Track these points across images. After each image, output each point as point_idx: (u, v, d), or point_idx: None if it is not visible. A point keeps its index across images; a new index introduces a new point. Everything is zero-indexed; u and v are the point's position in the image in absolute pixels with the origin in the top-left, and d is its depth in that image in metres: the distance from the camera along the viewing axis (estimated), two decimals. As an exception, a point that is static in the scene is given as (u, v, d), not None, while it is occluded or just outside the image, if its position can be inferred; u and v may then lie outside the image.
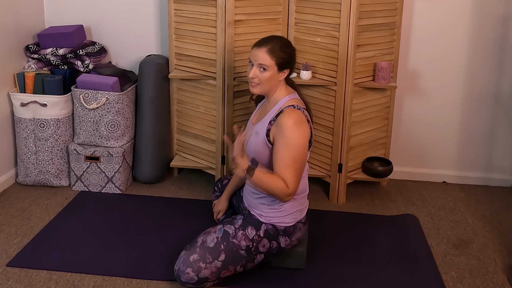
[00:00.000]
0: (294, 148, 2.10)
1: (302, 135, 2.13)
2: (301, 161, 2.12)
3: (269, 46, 2.21)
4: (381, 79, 2.89)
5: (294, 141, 2.11)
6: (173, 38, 3.12)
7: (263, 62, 2.20)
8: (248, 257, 2.19)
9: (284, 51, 2.23)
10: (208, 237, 2.18)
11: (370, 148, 3.09)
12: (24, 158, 3.08)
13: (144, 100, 3.14)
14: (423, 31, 3.14)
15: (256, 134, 2.26)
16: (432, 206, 3.02)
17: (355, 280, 2.30)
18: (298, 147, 2.11)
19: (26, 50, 3.21)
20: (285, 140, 2.11)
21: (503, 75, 3.15)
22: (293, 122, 2.12)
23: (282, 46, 2.24)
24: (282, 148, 2.11)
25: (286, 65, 2.25)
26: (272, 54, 2.21)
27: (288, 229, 2.25)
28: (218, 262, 2.13)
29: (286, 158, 2.10)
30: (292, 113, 2.15)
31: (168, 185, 3.21)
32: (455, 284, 2.30)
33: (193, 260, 2.12)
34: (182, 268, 2.12)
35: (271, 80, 2.23)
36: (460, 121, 3.25)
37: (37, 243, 2.53)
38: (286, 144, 2.11)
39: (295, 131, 2.11)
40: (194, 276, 2.11)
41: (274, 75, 2.23)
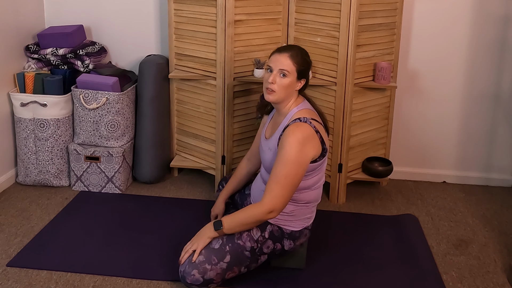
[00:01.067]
0: (288, 165, 2.06)
1: (302, 153, 2.08)
2: (293, 178, 2.07)
3: (291, 52, 2.20)
4: (381, 79, 2.89)
5: (290, 158, 2.06)
6: (173, 38, 3.12)
7: (284, 67, 2.18)
8: (252, 258, 2.19)
9: (304, 59, 2.22)
10: (213, 239, 2.17)
11: (370, 148, 3.09)
12: (24, 158, 3.08)
13: (144, 100, 3.14)
14: (423, 31, 3.14)
15: (269, 150, 2.25)
16: (432, 206, 3.02)
17: (355, 280, 2.30)
18: (293, 164, 2.06)
19: (26, 50, 3.21)
20: (283, 154, 2.08)
21: (503, 75, 3.15)
22: (295, 138, 2.08)
23: (304, 54, 2.24)
24: (278, 162, 2.09)
25: (304, 74, 2.23)
26: (294, 59, 2.19)
27: (294, 233, 2.25)
28: (223, 264, 2.12)
29: (278, 173, 2.07)
30: (296, 129, 2.10)
31: (168, 185, 3.21)
32: (455, 284, 2.30)
33: (198, 262, 2.11)
34: (187, 269, 2.10)
35: (289, 87, 2.20)
36: (460, 121, 3.25)
37: (37, 243, 2.53)
38: (282, 158, 2.07)
39: (295, 148, 2.07)
40: (200, 277, 2.10)
41: (292, 83, 2.20)
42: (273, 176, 2.08)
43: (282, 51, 2.21)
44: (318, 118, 2.23)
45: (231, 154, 3.05)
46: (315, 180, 2.22)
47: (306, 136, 2.10)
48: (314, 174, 2.20)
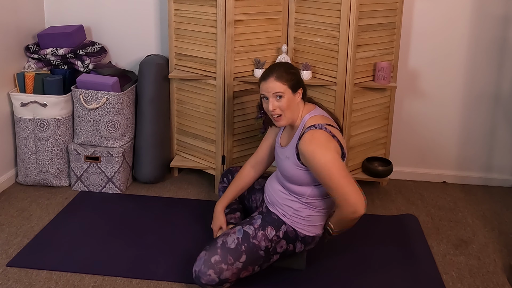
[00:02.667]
0: (328, 168, 2.04)
1: (329, 152, 2.07)
2: (341, 172, 2.04)
3: (275, 74, 2.20)
4: (381, 79, 2.89)
5: (324, 163, 2.05)
6: (173, 38, 3.12)
7: (276, 90, 2.18)
8: (266, 257, 2.18)
9: (290, 73, 2.22)
10: (229, 238, 2.16)
11: (370, 148, 3.09)
12: (24, 158, 3.08)
13: (144, 100, 3.14)
14: (423, 31, 3.14)
15: (287, 158, 2.23)
16: (432, 206, 3.02)
17: (355, 280, 2.30)
18: (331, 164, 2.04)
19: (26, 50, 3.21)
20: (316, 166, 2.06)
21: (503, 75, 3.15)
22: (314, 147, 2.07)
23: (287, 69, 2.23)
24: (320, 175, 2.07)
25: (297, 85, 2.22)
26: (281, 79, 2.19)
27: (307, 238, 2.25)
28: (239, 263, 2.11)
29: (330, 182, 2.04)
30: (312, 138, 2.10)
31: (168, 185, 3.21)
32: (455, 284, 2.30)
33: (214, 262, 2.09)
34: (203, 269, 2.08)
35: (290, 105, 2.20)
36: (460, 121, 3.25)
37: (37, 243, 2.53)
38: (319, 169, 2.06)
39: (320, 152, 2.06)
40: (216, 277, 2.08)
41: (291, 99, 2.20)
42: (330, 188, 2.06)
43: (267, 77, 2.22)
44: (332, 123, 2.22)
45: (231, 154, 3.05)
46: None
47: (324, 141, 2.09)
48: None
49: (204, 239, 2.51)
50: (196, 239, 2.56)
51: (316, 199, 2.21)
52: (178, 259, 2.40)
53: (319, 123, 2.15)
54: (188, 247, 2.49)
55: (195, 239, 2.57)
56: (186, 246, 2.50)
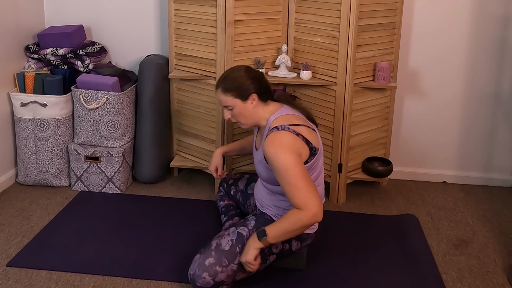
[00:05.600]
0: (288, 171, 2.01)
1: (289, 155, 2.03)
2: (302, 176, 2.01)
3: (221, 86, 2.21)
4: (381, 79, 2.89)
5: (284, 165, 2.02)
6: (173, 38, 3.12)
7: (224, 103, 2.23)
8: (262, 258, 2.17)
9: (235, 83, 2.19)
10: (223, 240, 2.15)
11: (370, 148, 3.09)
12: (24, 158, 3.08)
13: (144, 100, 3.14)
14: (423, 31, 3.14)
15: (259, 162, 2.24)
16: (432, 206, 3.02)
17: (355, 280, 2.30)
18: (290, 167, 2.01)
19: (26, 50, 3.21)
20: (276, 168, 2.04)
21: (503, 75, 3.15)
22: (274, 149, 2.04)
23: (233, 80, 2.21)
24: (279, 177, 2.05)
25: (246, 93, 2.19)
26: (227, 92, 2.20)
27: (302, 235, 2.24)
28: (234, 265, 2.10)
29: (288, 185, 2.02)
30: (273, 140, 2.07)
31: (168, 185, 3.21)
32: (455, 284, 2.30)
33: (209, 264, 2.08)
34: (198, 272, 2.07)
35: (243, 113, 2.21)
36: (460, 121, 3.25)
37: (37, 243, 2.53)
38: (279, 171, 2.04)
39: (279, 155, 2.03)
40: (211, 280, 2.07)
41: (242, 107, 2.20)
42: (288, 191, 2.03)
43: (217, 87, 2.23)
44: (299, 121, 2.17)
45: (231, 154, 3.05)
46: (313, 178, 2.21)
47: (286, 143, 2.06)
48: (310, 173, 2.18)
49: (204, 239, 2.50)
50: (196, 239, 2.56)
51: None
52: (178, 259, 2.40)
53: (282, 124, 2.12)
54: (188, 247, 2.49)
55: (195, 239, 2.57)
56: (186, 246, 2.51)
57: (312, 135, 2.16)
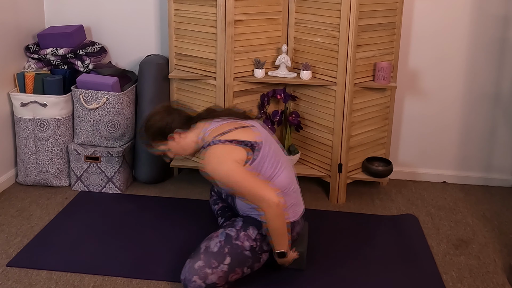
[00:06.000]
0: (229, 180, 2.08)
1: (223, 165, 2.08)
2: (244, 178, 2.07)
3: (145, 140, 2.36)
4: (381, 79, 2.89)
5: (224, 177, 2.08)
6: (173, 38, 3.12)
7: (158, 152, 2.35)
8: (253, 257, 2.17)
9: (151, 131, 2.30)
10: (211, 242, 2.16)
11: (370, 148, 3.09)
12: (24, 158, 3.08)
13: (144, 100, 3.14)
14: (423, 31, 3.14)
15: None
16: (432, 206, 3.02)
17: (355, 280, 2.30)
18: (230, 175, 2.07)
19: (26, 50, 3.21)
20: (220, 182, 2.11)
21: (503, 75, 3.15)
22: (209, 167, 2.10)
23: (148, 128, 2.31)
24: (227, 187, 2.12)
25: (164, 135, 2.28)
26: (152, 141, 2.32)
27: (288, 225, 2.24)
28: (224, 266, 2.10)
29: (237, 190, 2.09)
30: (206, 158, 2.12)
31: (168, 185, 3.21)
32: (455, 284, 2.30)
33: (198, 267, 2.08)
34: (188, 276, 2.07)
35: (178, 149, 2.30)
36: (460, 121, 3.25)
37: (37, 243, 2.53)
38: (224, 183, 2.11)
39: (215, 170, 2.09)
40: (202, 283, 2.06)
41: (173, 146, 2.30)
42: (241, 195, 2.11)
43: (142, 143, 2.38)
44: (226, 128, 2.20)
45: (231, 154, 3.05)
46: (269, 170, 2.19)
47: (214, 157, 2.11)
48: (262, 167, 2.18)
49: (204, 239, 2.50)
50: (196, 239, 2.55)
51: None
52: (178, 259, 2.40)
53: (208, 141, 2.17)
54: (188, 247, 2.48)
55: (195, 239, 2.56)
56: (186, 246, 2.50)
57: (246, 132, 2.19)
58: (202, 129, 2.28)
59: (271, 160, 2.20)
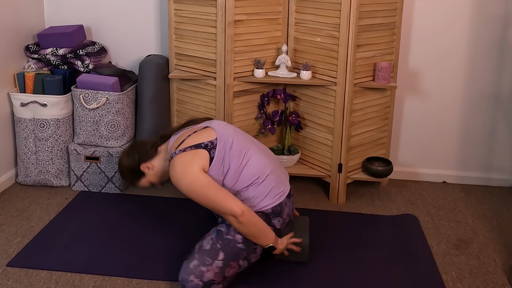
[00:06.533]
0: (192, 192, 2.13)
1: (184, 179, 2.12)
2: (205, 189, 2.11)
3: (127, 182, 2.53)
4: (381, 79, 2.89)
5: (187, 188, 2.13)
6: (173, 38, 3.12)
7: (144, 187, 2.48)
8: (248, 249, 2.18)
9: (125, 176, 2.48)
10: (204, 241, 2.18)
11: (370, 148, 3.09)
12: (24, 158, 3.08)
13: (144, 100, 3.14)
14: (423, 31, 3.14)
15: None
16: (432, 206, 3.02)
17: (355, 280, 2.30)
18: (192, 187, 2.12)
19: (26, 50, 3.21)
20: (185, 193, 2.15)
21: (503, 75, 3.15)
22: (173, 180, 2.16)
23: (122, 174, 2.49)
24: (193, 199, 2.15)
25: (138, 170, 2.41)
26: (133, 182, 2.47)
27: (275, 208, 2.24)
28: (218, 262, 2.11)
29: (201, 201, 2.13)
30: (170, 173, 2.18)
31: (168, 185, 3.19)
32: (455, 284, 2.30)
33: (193, 267, 2.09)
34: (185, 277, 2.09)
35: (155, 178, 2.43)
36: (460, 121, 3.25)
37: (37, 243, 2.53)
38: (188, 195, 2.15)
39: (178, 183, 2.14)
40: (199, 281, 2.08)
41: (150, 177, 2.42)
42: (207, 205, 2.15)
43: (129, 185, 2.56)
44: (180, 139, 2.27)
45: (231, 154, 3.05)
46: (236, 160, 2.22)
47: (176, 170, 2.16)
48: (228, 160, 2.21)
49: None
50: (196, 239, 2.55)
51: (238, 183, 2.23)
52: (178, 259, 2.40)
53: (170, 154, 2.24)
54: (188, 247, 2.47)
55: (195, 239, 2.55)
56: (186, 246, 2.50)
57: (202, 134, 2.25)
58: (165, 149, 2.39)
59: (233, 151, 2.22)
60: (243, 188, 2.24)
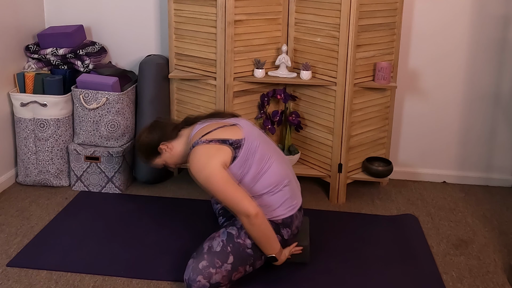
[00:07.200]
0: (210, 185, 2.09)
1: (205, 168, 2.10)
2: (224, 185, 2.08)
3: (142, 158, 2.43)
4: (381, 79, 2.89)
5: (205, 180, 2.10)
6: (173, 38, 3.12)
7: (158, 166, 2.42)
8: (255, 255, 2.18)
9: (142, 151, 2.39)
10: (214, 242, 2.16)
11: (370, 148, 3.09)
12: (24, 158, 3.08)
13: (144, 100, 3.14)
14: (423, 31, 3.14)
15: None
16: (432, 206, 3.02)
17: (355, 280, 2.30)
18: (210, 180, 2.08)
19: (26, 50, 3.21)
20: (201, 184, 2.13)
21: (503, 75, 3.15)
22: (192, 168, 2.13)
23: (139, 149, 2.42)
24: (209, 190, 2.13)
25: (154, 150, 2.35)
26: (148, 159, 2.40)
27: (286, 220, 2.24)
28: (227, 265, 2.11)
29: (216, 195, 2.10)
30: (190, 159, 2.16)
31: (168, 185, 3.21)
32: (455, 284, 2.30)
33: (202, 267, 2.08)
34: (192, 276, 2.07)
35: (171, 159, 2.36)
36: (460, 121, 3.25)
37: (37, 243, 2.53)
38: (205, 186, 2.12)
39: (197, 172, 2.11)
40: (206, 283, 2.07)
41: (167, 158, 2.36)
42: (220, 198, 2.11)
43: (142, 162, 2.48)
44: (208, 128, 2.23)
45: (231, 154, 3.05)
46: (257, 165, 2.19)
47: (198, 159, 2.13)
48: (250, 163, 2.18)
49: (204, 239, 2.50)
50: (196, 239, 2.56)
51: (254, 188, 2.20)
52: (178, 259, 2.41)
53: (193, 141, 2.20)
54: (188, 247, 2.49)
55: (195, 239, 2.57)
56: (186, 246, 2.51)
57: (231, 130, 2.21)
58: (188, 134, 2.34)
59: (256, 156, 2.20)
60: (258, 195, 2.21)
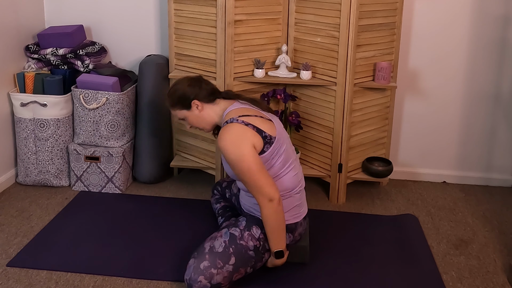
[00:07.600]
0: (240, 164, 2.07)
1: (239, 147, 2.08)
2: (255, 167, 2.06)
3: (168, 102, 2.37)
4: (381, 79, 2.89)
5: (234, 158, 2.07)
6: (173, 38, 3.12)
7: (176, 116, 2.39)
8: (257, 257, 2.18)
9: (174, 96, 2.34)
10: (216, 242, 2.16)
11: (370, 148, 3.09)
12: (24, 158, 3.08)
13: (144, 100, 3.14)
14: (423, 31, 3.14)
15: (222, 159, 2.29)
16: (432, 206, 3.02)
17: (355, 280, 2.30)
18: (243, 159, 2.06)
19: (26, 50, 3.21)
20: (229, 161, 2.10)
21: (503, 75, 3.15)
22: (224, 143, 2.09)
23: (171, 93, 2.36)
24: (234, 170, 2.11)
25: (187, 101, 2.30)
26: (173, 107, 2.35)
27: (290, 226, 2.25)
28: (229, 266, 2.10)
29: (243, 176, 2.08)
30: (223, 134, 2.12)
31: (168, 185, 3.21)
32: (455, 284, 2.30)
33: (204, 268, 2.08)
34: (194, 277, 2.07)
35: (195, 119, 2.33)
36: (460, 121, 3.25)
37: (37, 243, 2.53)
38: (232, 165, 2.09)
39: (230, 148, 2.08)
40: (207, 283, 2.07)
41: (192, 115, 2.32)
42: (244, 182, 2.11)
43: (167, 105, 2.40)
44: (249, 112, 2.21)
45: (231, 154, 3.05)
46: (278, 167, 2.20)
47: (235, 134, 2.11)
48: (273, 163, 2.18)
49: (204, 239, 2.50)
50: (196, 239, 2.56)
51: None
52: (178, 259, 2.41)
53: (232, 117, 2.17)
54: (188, 247, 2.49)
55: (195, 239, 2.57)
56: (186, 246, 2.51)
57: (267, 124, 2.20)
58: (224, 106, 2.30)
59: (280, 157, 2.20)
60: None
